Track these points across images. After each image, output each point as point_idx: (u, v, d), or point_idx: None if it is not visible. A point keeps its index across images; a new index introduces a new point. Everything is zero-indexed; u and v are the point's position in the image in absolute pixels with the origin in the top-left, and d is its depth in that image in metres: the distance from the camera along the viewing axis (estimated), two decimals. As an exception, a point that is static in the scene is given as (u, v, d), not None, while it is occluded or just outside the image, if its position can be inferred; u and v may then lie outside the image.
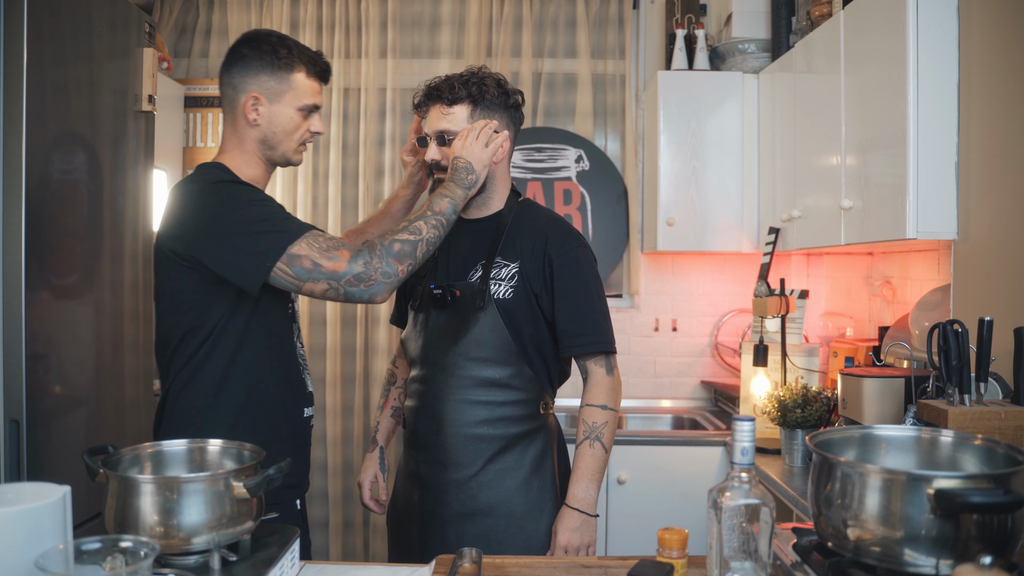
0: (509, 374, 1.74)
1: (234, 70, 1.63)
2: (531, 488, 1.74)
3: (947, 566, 1.02)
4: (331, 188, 3.33)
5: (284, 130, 1.64)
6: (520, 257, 1.77)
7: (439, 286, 1.76)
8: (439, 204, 1.62)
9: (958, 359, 1.54)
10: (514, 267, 1.76)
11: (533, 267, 1.76)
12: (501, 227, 1.80)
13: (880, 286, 2.75)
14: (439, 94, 1.76)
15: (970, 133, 1.94)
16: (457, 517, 1.72)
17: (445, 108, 1.75)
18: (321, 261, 1.46)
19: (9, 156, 1.66)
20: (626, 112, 3.35)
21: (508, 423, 1.74)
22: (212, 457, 1.34)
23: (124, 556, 0.96)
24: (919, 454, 1.28)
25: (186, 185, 1.57)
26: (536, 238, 1.77)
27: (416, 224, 1.56)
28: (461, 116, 1.75)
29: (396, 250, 1.51)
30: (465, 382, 1.73)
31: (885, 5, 2.05)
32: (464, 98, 1.75)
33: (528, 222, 1.81)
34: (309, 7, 3.35)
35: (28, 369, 1.69)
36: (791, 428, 2.30)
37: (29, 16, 1.66)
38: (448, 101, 1.75)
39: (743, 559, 1.04)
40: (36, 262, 1.72)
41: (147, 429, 2.21)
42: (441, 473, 1.73)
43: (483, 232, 1.82)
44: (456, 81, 1.76)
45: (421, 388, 1.79)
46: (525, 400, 1.76)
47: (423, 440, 1.77)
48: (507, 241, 1.79)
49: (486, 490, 1.72)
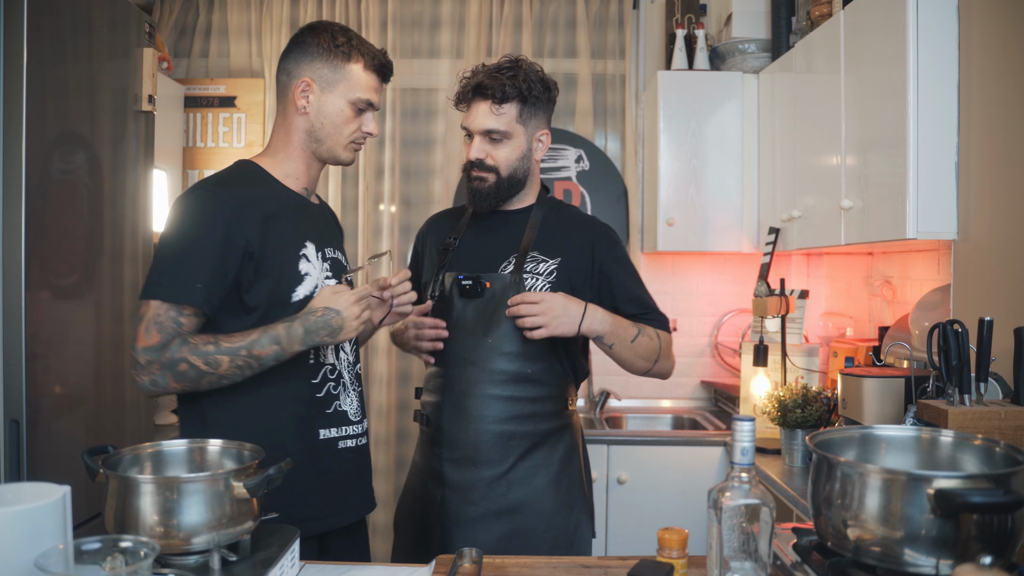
0: (540, 369, 1.71)
1: (291, 56, 1.57)
2: (561, 485, 1.72)
3: (947, 566, 1.02)
4: (331, 188, 3.33)
5: (332, 122, 1.56)
6: (561, 255, 1.75)
7: (468, 277, 1.70)
8: (263, 347, 1.43)
9: (958, 359, 1.54)
10: (553, 264, 1.74)
11: (579, 266, 1.75)
12: (534, 222, 1.77)
13: (880, 286, 2.75)
14: (489, 92, 1.70)
15: (970, 133, 1.94)
16: (486, 516, 1.67)
17: (495, 107, 1.70)
18: (140, 327, 1.42)
19: (9, 156, 1.66)
20: (626, 112, 3.35)
21: (539, 419, 1.71)
22: (212, 457, 1.34)
23: (124, 556, 0.96)
24: (919, 454, 1.28)
25: None
26: (582, 239, 1.77)
27: (218, 358, 1.42)
28: (511, 115, 1.71)
29: (180, 369, 1.41)
30: (496, 377, 1.69)
31: (885, 5, 2.05)
32: (514, 96, 1.70)
33: (565, 220, 1.81)
34: (309, 7, 3.34)
35: (28, 369, 1.69)
36: (791, 428, 2.30)
37: (29, 16, 1.66)
38: (499, 99, 1.69)
39: (743, 559, 1.04)
40: (36, 262, 1.72)
41: (147, 429, 2.21)
42: (470, 471, 1.68)
43: (514, 225, 1.78)
44: (504, 78, 1.70)
45: (446, 384, 1.72)
46: (554, 396, 1.74)
47: (449, 437, 1.70)
48: (543, 237, 1.76)
49: (517, 488, 1.68)
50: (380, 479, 3.29)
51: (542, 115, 1.76)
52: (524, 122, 1.73)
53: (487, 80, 1.70)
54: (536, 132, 1.77)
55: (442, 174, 3.37)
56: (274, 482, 1.20)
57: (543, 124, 1.78)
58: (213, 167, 3.42)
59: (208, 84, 3.41)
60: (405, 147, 3.39)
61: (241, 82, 3.41)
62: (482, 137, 1.72)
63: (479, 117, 1.72)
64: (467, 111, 1.75)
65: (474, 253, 1.78)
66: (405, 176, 3.40)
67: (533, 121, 1.75)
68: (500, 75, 1.70)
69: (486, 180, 1.74)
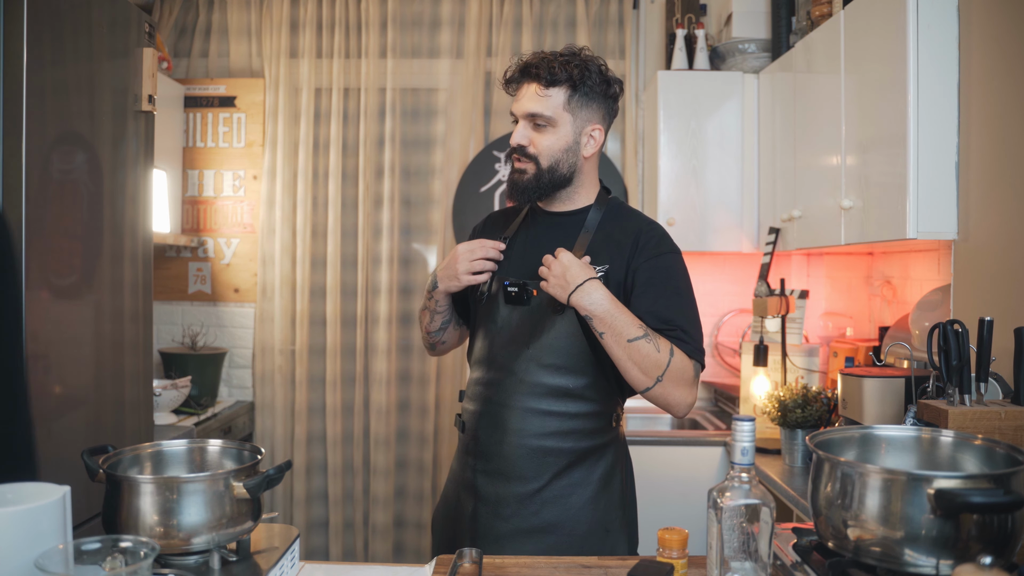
0: (584, 384, 1.59)
1: None
2: (598, 506, 1.60)
3: (947, 566, 1.02)
4: (331, 188, 3.33)
5: None
6: (610, 261, 1.61)
7: (515, 283, 1.58)
8: None
9: (958, 359, 1.53)
10: (601, 270, 1.60)
11: (618, 273, 1.61)
12: (590, 225, 1.65)
13: (880, 286, 2.75)
14: (536, 72, 1.58)
15: (970, 133, 1.94)
16: (516, 533, 1.57)
17: (541, 89, 1.58)
18: None
19: (9, 156, 1.66)
20: (626, 112, 3.34)
21: (579, 436, 1.59)
22: (212, 457, 1.34)
23: (124, 556, 0.96)
24: (919, 454, 1.28)
25: None
26: (628, 242, 1.62)
27: None
28: (558, 100, 1.58)
29: None
30: (536, 390, 1.58)
31: (885, 5, 2.05)
32: (564, 80, 1.57)
33: (620, 224, 1.66)
34: (309, 7, 3.34)
35: (28, 369, 1.69)
36: (791, 428, 2.30)
37: (29, 16, 1.66)
38: (546, 82, 1.57)
39: (743, 559, 1.04)
40: (36, 262, 1.72)
41: (147, 429, 2.21)
42: (502, 486, 1.59)
43: (568, 228, 1.66)
44: (556, 60, 1.58)
45: (485, 392, 1.63)
46: (598, 412, 1.61)
47: (484, 449, 1.61)
48: (598, 242, 1.63)
49: (550, 507, 1.57)
50: (380, 479, 3.29)
51: (596, 108, 1.62)
52: (573, 111, 1.60)
53: (538, 62, 1.59)
54: (587, 126, 1.62)
55: (442, 174, 3.37)
56: (274, 482, 1.21)
57: (596, 119, 1.63)
58: (213, 167, 3.42)
59: (208, 84, 3.41)
60: (405, 147, 3.39)
61: (241, 82, 3.41)
62: (526, 122, 1.61)
63: (524, 100, 1.60)
64: (515, 95, 1.64)
65: (525, 256, 1.67)
66: (405, 176, 3.40)
67: (584, 112, 1.61)
68: (551, 58, 1.59)
69: (526, 172, 1.62)
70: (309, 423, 3.35)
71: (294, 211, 3.36)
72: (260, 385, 3.37)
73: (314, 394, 3.36)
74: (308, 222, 3.34)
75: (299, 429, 3.33)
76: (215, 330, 3.43)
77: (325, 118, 3.37)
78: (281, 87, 3.35)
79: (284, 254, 3.34)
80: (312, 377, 3.36)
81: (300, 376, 3.33)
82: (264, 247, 3.36)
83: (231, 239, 3.44)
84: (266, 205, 3.35)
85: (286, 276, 3.34)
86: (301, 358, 3.33)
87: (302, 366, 3.33)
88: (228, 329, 3.45)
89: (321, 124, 3.38)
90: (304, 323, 3.33)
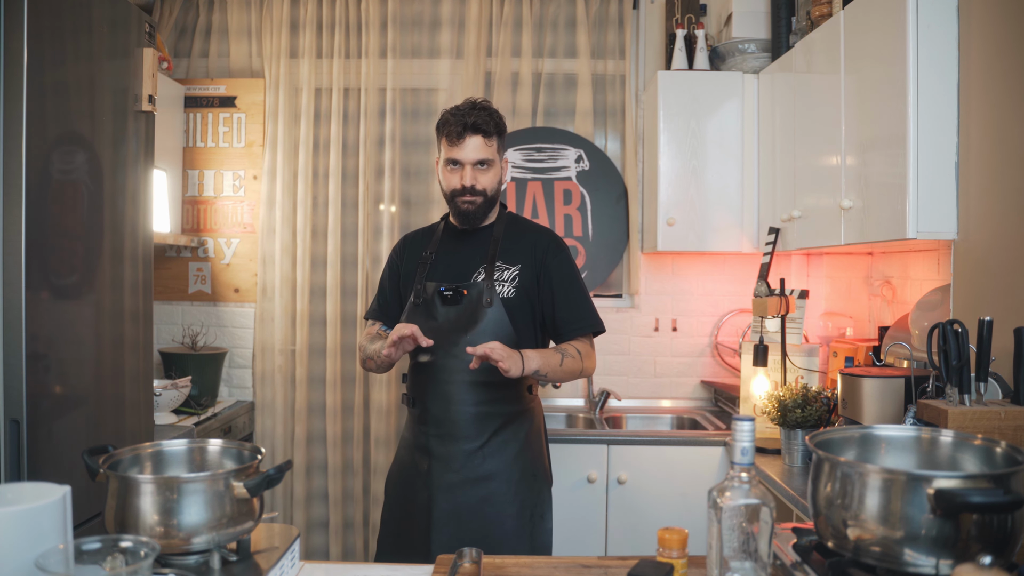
0: None
1: None
2: (526, 458, 2.05)
3: (947, 566, 1.02)
4: (331, 188, 3.33)
5: None
6: (521, 262, 2.08)
7: (449, 288, 2.05)
8: None
9: (958, 359, 1.54)
10: (515, 270, 2.07)
11: (530, 271, 2.08)
12: (496, 235, 2.11)
13: (880, 286, 2.75)
14: (483, 128, 2.02)
15: (970, 133, 1.94)
16: (466, 482, 1.99)
17: (487, 140, 2.04)
18: None
19: (9, 156, 1.66)
20: (626, 112, 3.35)
21: (506, 402, 2.04)
22: (212, 457, 1.34)
23: (124, 556, 0.96)
24: (919, 454, 1.28)
25: None
26: (531, 245, 2.11)
27: None
28: (495, 146, 2.06)
29: None
30: None
31: (885, 5, 2.05)
32: (495, 132, 2.06)
33: (521, 231, 2.15)
34: (309, 7, 3.35)
35: (28, 369, 1.69)
36: (791, 428, 2.30)
37: (29, 16, 1.66)
38: (487, 135, 2.04)
39: (743, 559, 1.04)
40: (36, 262, 1.72)
41: (147, 429, 2.21)
42: (452, 445, 2.01)
43: (479, 240, 2.12)
44: (491, 116, 2.05)
45: (432, 373, 2.04)
46: (517, 383, 2.05)
47: (435, 416, 2.03)
48: (505, 248, 2.10)
49: (490, 459, 2.01)
50: (380, 478, 3.29)
51: (503, 146, 2.13)
52: (499, 152, 2.09)
53: (480, 118, 2.02)
54: (502, 160, 2.13)
55: (442, 174, 3.36)
56: (274, 482, 1.21)
57: (504, 153, 2.15)
58: (213, 167, 3.42)
59: (208, 84, 3.41)
60: (405, 147, 3.39)
61: (241, 82, 3.41)
62: (473, 166, 2.04)
63: (474, 149, 2.03)
64: (454, 145, 2.03)
65: (449, 265, 2.11)
66: (405, 176, 3.40)
67: (502, 151, 2.12)
68: (486, 115, 2.04)
69: (475, 203, 2.06)
70: (309, 423, 3.35)
71: (294, 211, 3.36)
72: (260, 385, 3.37)
73: (314, 394, 3.36)
74: (308, 222, 3.34)
75: (299, 429, 3.33)
76: (215, 330, 3.43)
77: (325, 118, 3.37)
78: (281, 87, 3.35)
79: (284, 254, 3.34)
80: (312, 377, 3.36)
81: (300, 376, 3.33)
82: (264, 247, 3.36)
83: (231, 239, 3.44)
84: (266, 205, 3.35)
85: (286, 276, 3.34)
86: (301, 358, 3.34)
87: (302, 366, 3.33)
88: (228, 329, 3.45)
89: (321, 124, 3.38)
90: (304, 323, 3.33)
